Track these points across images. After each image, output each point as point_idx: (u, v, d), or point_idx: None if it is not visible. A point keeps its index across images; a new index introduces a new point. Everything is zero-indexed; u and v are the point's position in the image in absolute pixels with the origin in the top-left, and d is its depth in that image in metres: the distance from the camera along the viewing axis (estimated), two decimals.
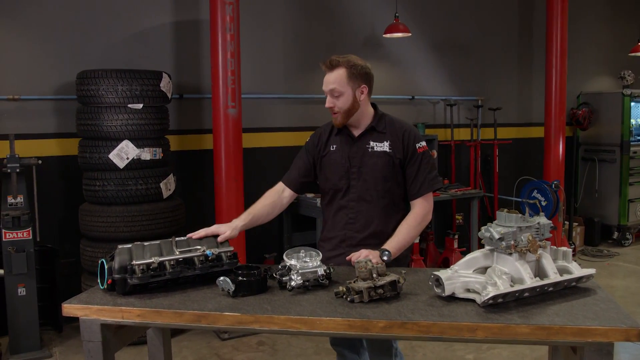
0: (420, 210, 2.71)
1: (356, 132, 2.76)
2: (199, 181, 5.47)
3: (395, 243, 2.59)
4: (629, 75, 7.83)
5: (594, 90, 8.26)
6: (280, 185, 2.91)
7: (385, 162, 2.69)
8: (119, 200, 4.45)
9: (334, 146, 2.79)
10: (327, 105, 2.69)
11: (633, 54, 8.07)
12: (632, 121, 7.79)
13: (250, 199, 5.22)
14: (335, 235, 2.79)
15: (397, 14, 5.86)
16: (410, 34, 5.85)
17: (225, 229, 2.56)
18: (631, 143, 7.64)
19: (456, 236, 6.19)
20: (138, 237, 4.33)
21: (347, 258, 2.52)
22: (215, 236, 2.52)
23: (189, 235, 2.52)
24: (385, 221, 2.72)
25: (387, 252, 2.50)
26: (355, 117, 2.71)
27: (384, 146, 2.70)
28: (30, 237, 4.24)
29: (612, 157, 7.73)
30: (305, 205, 5.44)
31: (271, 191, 2.90)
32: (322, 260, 2.47)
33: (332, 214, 2.81)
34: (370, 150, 2.71)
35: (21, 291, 4.24)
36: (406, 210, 2.76)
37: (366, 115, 2.75)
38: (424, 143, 2.75)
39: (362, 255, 2.46)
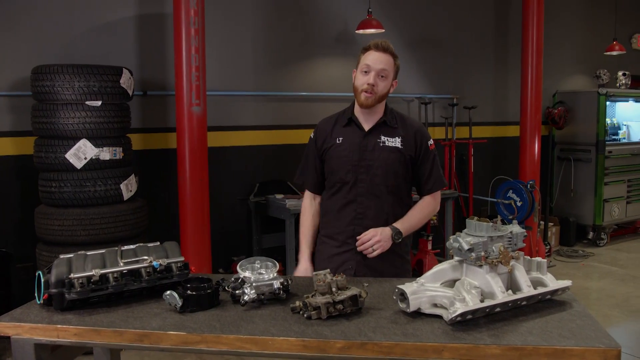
0: (431, 200, 2.77)
1: (367, 126, 2.70)
2: (163, 181, 5.26)
3: (407, 224, 2.65)
4: (604, 75, 7.79)
5: (569, 89, 8.21)
6: (309, 196, 2.88)
7: (396, 158, 2.67)
8: (76, 202, 4.23)
9: (340, 138, 2.72)
10: (370, 81, 2.59)
11: (608, 53, 8.03)
12: (608, 120, 7.75)
13: (216, 200, 5.11)
14: (342, 231, 2.70)
15: (370, 9, 5.69)
16: (383, 30, 5.69)
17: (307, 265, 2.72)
18: (606, 142, 7.59)
19: (430, 238, 6.06)
20: (97, 241, 4.16)
21: (358, 243, 2.60)
22: (164, 247, 2.34)
23: None
24: (393, 216, 2.68)
25: (399, 233, 2.59)
26: (376, 107, 2.69)
27: (396, 142, 2.68)
28: None
29: (588, 157, 7.67)
30: (275, 206, 5.26)
31: (307, 206, 2.88)
32: (328, 257, 2.54)
33: (337, 208, 2.72)
34: (381, 144, 2.68)
35: None
36: (410, 206, 2.76)
37: (382, 108, 2.73)
38: (432, 141, 2.78)
39: (369, 235, 2.56)
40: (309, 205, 2.86)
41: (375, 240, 2.55)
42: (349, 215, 2.68)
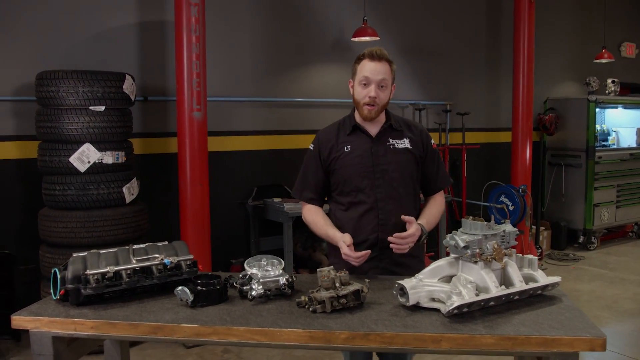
0: (442, 198, 2.82)
1: (373, 131, 2.67)
2: (164, 185, 5.35)
3: (430, 226, 2.67)
4: (594, 82, 7.94)
5: (560, 96, 8.36)
6: (308, 206, 2.78)
7: (409, 159, 2.67)
8: (79, 205, 4.32)
9: (349, 146, 2.66)
10: (371, 94, 2.55)
11: (597, 61, 8.20)
12: (597, 127, 7.90)
13: (215, 204, 5.21)
14: (365, 239, 2.61)
15: (365, 18, 5.83)
16: (378, 38, 5.82)
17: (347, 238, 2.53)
18: (596, 148, 7.74)
19: (425, 241, 6.16)
20: (100, 243, 4.23)
21: (397, 237, 2.47)
22: (174, 246, 2.44)
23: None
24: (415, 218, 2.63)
25: (425, 235, 2.60)
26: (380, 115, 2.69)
27: (405, 143, 2.67)
28: None
29: (578, 162, 7.81)
30: (272, 210, 5.36)
31: (312, 208, 2.75)
32: (352, 268, 2.46)
33: (357, 217, 2.63)
34: (391, 147, 2.66)
35: None
36: (419, 206, 2.77)
37: (384, 113, 2.71)
38: (433, 140, 2.81)
39: (413, 231, 2.49)
40: (313, 207, 2.75)
41: (413, 239, 2.50)
42: (372, 223, 2.60)
